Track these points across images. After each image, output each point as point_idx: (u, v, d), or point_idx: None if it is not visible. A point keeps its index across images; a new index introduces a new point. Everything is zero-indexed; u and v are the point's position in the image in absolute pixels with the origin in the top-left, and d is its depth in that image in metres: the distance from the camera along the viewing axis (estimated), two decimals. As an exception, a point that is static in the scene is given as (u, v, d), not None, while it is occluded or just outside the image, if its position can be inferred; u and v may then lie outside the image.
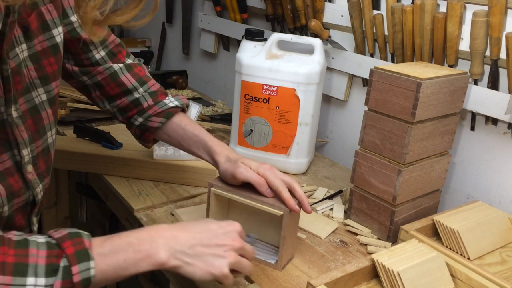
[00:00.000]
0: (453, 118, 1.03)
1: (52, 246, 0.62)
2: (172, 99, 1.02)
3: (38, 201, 0.79)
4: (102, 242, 0.66)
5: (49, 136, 0.80)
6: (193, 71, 2.12)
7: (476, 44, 1.04)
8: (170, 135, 1.00)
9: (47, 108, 0.79)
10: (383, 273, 0.80)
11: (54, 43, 0.79)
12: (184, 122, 0.99)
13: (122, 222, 1.14)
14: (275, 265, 0.88)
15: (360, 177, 1.04)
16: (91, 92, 1.01)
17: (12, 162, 0.72)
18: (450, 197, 1.21)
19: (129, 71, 1.01)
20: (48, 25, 0.78)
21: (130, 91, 1.00)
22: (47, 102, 0.79)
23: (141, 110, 1.00)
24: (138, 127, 1.01)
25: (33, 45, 0.75)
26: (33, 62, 0.76)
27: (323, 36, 1.34)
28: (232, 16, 1.72)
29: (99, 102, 1.02)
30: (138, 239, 0.67)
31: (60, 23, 0.80)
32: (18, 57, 0.71)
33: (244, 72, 1.25)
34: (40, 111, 0.77)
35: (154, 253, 0.67)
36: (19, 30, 0.72)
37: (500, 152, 1.10)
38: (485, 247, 0.93)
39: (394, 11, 1.16)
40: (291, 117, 1.24)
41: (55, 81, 0.80)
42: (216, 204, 0.92)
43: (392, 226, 0.99)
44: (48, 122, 0.79)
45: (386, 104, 0.96)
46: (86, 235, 0.65)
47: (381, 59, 1.27)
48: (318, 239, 1.00)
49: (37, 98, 0.77)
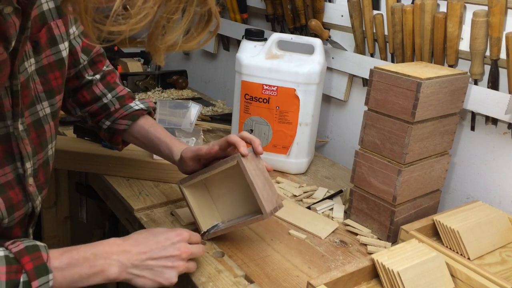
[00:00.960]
0: (453, 118, 1.03)
1: (10, 261, 0.64)
2: (138, 103, 1.05)
3: (36, 213, 0.81)
4: (60, 255, 0.69)
5: (50, 149, 0.82)
6: (193, 71, 2.12)
7: (476, 44, 1.04)
8: (136, 137, 1.03)
9: (50, 121, 0.80)
10: (383, 273, 0.80)
11: (60, 57, 0.81)
12: (148, 124, 1.03)
13: (122, 222, 1.14)
14: (262, 216, 0.87)
15: (360, 177, 1.04)
16: (65, 99, 1.02)
17: (14, 175, 0.73)
18: (450, 197, 1.21)
19: (102, 81, 1.04)
20: (56, 40, 0.79)
21: (99, 97, 1.03)
22: (50, 115, 0.80)
23: (108, 114, 1.03)
24: (106, 130, 1.04)
25: (40, 59, 0.76)
26: (39, 76, 0.77)
27: (323, 36, 1.34)
28: (232, 16, 1.72)
29: (71, 109, 1.05)
30: (94, 254, 0.72)
31: (67, 38, 0.82)
32: (26, 71, 0.73)
33: (244, 72, 1.25)
34: (44, 124, 0.79)
35: (107, 269, 0.72)
36: (29, 45, 0.73)
37: (500, 152, 1.10)
38: (485, 247, 0.93)
39: (394, 11, 1.16)
40: (291, 117, 1.24)
41: (59, 94, 0.82)
42: (194, 196, 0.95)
43: (392, 226, 0.99)
44: (50, 134, 0.81)
45: (386, 104, 0.96)
46: (43, 248, 0.67)
47: (381, 59, 1.27)
48: (318, 239, 1.00)
49: (42, 111, 0.78)
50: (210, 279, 0.84)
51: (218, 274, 0.85)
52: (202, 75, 2.09)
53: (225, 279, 0.84)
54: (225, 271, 0.86)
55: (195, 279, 0.83)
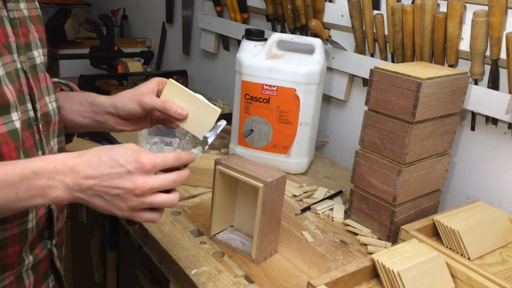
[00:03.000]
0: (453, 118, 1.03)
1: None
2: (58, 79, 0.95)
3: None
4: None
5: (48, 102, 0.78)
6: (193, 71, 2.12)
7: (477, 44, 1.04)
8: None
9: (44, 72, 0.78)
10: (383, 273, 0.80)
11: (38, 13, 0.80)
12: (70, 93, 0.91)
13: (122, 222, 1.14)
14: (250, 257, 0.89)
15: (360, 177, 1.03)
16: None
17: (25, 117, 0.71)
18: (450, 197, 1.21)
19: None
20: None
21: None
22: (42, 65, 0.78)
23: None
24: None
25: (29, 8, 0.77)
26: (32, 24, 0.77)
27: (323, 36, 1.33)
28: (232, 16, 1.72)
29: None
30: (34, 172, 0.62)
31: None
32: (22, 12, 0.73)
33: (244, 72, 1.25)
34: (38, 72, 0.77)
35: (52, 191, 0.63)
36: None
37: (500, 152, 1.10)
38: (485, 247, 0.93)
39: (394, 11, 1.16)
40: (291, 117, 1.24)
41: (46, 48, 0.80)
42: (223, 187, 0.93)
43: (392, 226, 0.99)
44: (45, 85, 0.78)
45: (386, 104, 0.96)
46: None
47: (381, 59, 1.27)
48: (318, 239, 1.00)
49: (38, 58, 0.77)
50: (210, 279, 0.84)
51: (218, 274, 0.85)
52: (202, 75, 2.09)
53: (225, 279, 0.84)
54: (225, 271, 0.86)
55: (195, 279, 0.83)
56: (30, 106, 0.72)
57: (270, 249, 0.91)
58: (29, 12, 0.77)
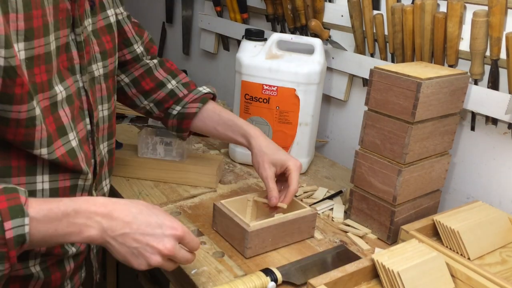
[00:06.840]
0: (453, 118, 1.03)
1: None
2: (204, 87, 1.08)
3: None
4: (39, 205, 0.62)
5: (100, 110, 0.84)
6: (193, 71, 2.12)
7: (476, 44, 1.04)
8: (205, 122, 1.05)
9: (101, 83, 0.83)
10: (383, 273, 0.80)
11: (109, 22, 0.85)
12: (219, 109, 1.05)
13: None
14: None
15: (360, 177, 1.03)
16: (126, 92, 1.06)
17: (85, 131, 0.77)
18: (450, 197, 1.21)
19: (162, 66, 1.07)
20: (104, 5, 0.84)
21: (164, 83, 1.05)
22: (103, 77, 0.83)
23: (177, 99, 1.05)
24: (175, 116, 1.06)
25: (96, 21, 0.81)
26: (95, 37, 0.81)
27: (323, 36, 1.34)
28: (232, 16, 1.72)
29: (136, 100, 1.07)
30: (75, 211, 0.65)
31: (110, 6, 0.86)
32: (86, 29, 0.76)
33: (244, 72, 1.25)
34: (95, 83, 0.82)
35: (87, 230, 0.66)
36: (87, 4, 0.77)
37: (500, 152, 1.10)
38: (485, 247, 0.93)
39: (394, 11, 1.16)
40: (291, 117, 1.24)
41: (111, 57, 0.86)
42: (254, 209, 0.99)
43: (392, 226, 0.99)
44: (100, 95, 0.83)
45: (386, 104, 0.96)
46: (22, 192, 0.61)
47: (381, 59, 1.27)
48: (319, 239, 1.00)
49: (97, 71, 0.81)
50: (210, 279, 0.84)
51: (218, 274, 0.85)
52: (202, 75, 2.09)
53: (225, 279, 0.84)
54: (225, 271, 0.86)
55: (195, 279, 0.83)
56: (88, 121, 0.78)
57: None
58: (93, 27, 0.81)
